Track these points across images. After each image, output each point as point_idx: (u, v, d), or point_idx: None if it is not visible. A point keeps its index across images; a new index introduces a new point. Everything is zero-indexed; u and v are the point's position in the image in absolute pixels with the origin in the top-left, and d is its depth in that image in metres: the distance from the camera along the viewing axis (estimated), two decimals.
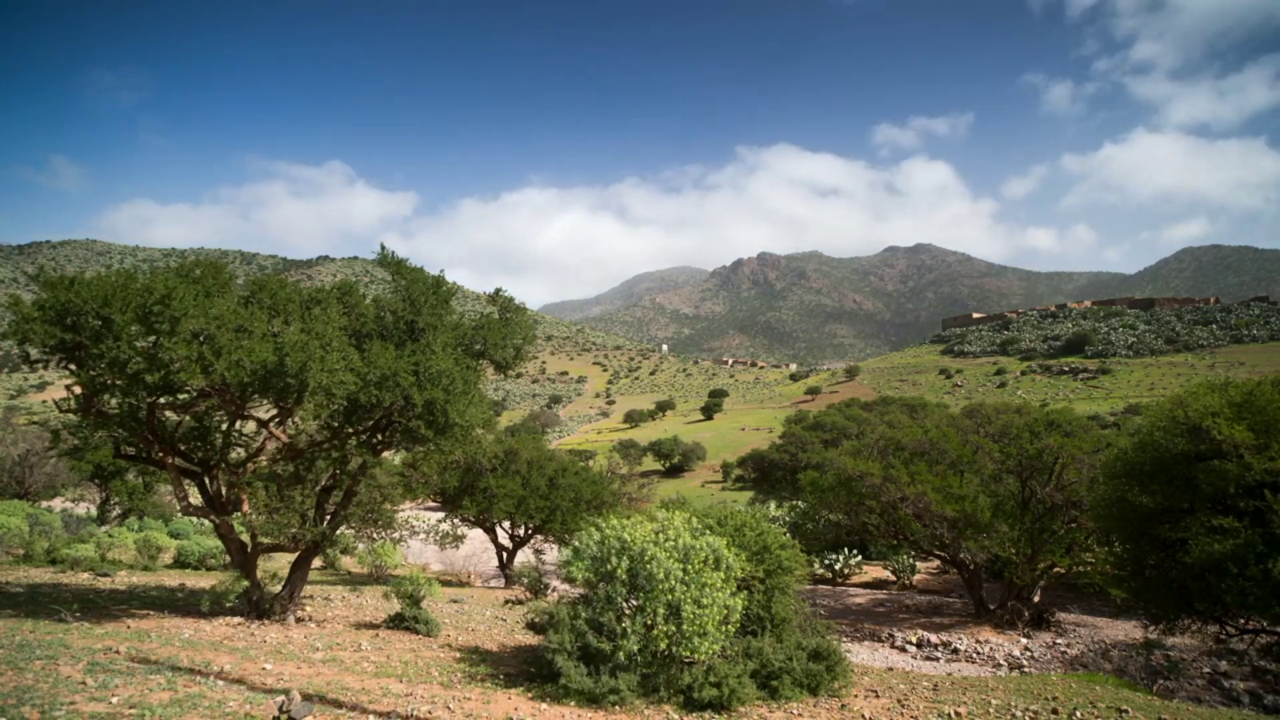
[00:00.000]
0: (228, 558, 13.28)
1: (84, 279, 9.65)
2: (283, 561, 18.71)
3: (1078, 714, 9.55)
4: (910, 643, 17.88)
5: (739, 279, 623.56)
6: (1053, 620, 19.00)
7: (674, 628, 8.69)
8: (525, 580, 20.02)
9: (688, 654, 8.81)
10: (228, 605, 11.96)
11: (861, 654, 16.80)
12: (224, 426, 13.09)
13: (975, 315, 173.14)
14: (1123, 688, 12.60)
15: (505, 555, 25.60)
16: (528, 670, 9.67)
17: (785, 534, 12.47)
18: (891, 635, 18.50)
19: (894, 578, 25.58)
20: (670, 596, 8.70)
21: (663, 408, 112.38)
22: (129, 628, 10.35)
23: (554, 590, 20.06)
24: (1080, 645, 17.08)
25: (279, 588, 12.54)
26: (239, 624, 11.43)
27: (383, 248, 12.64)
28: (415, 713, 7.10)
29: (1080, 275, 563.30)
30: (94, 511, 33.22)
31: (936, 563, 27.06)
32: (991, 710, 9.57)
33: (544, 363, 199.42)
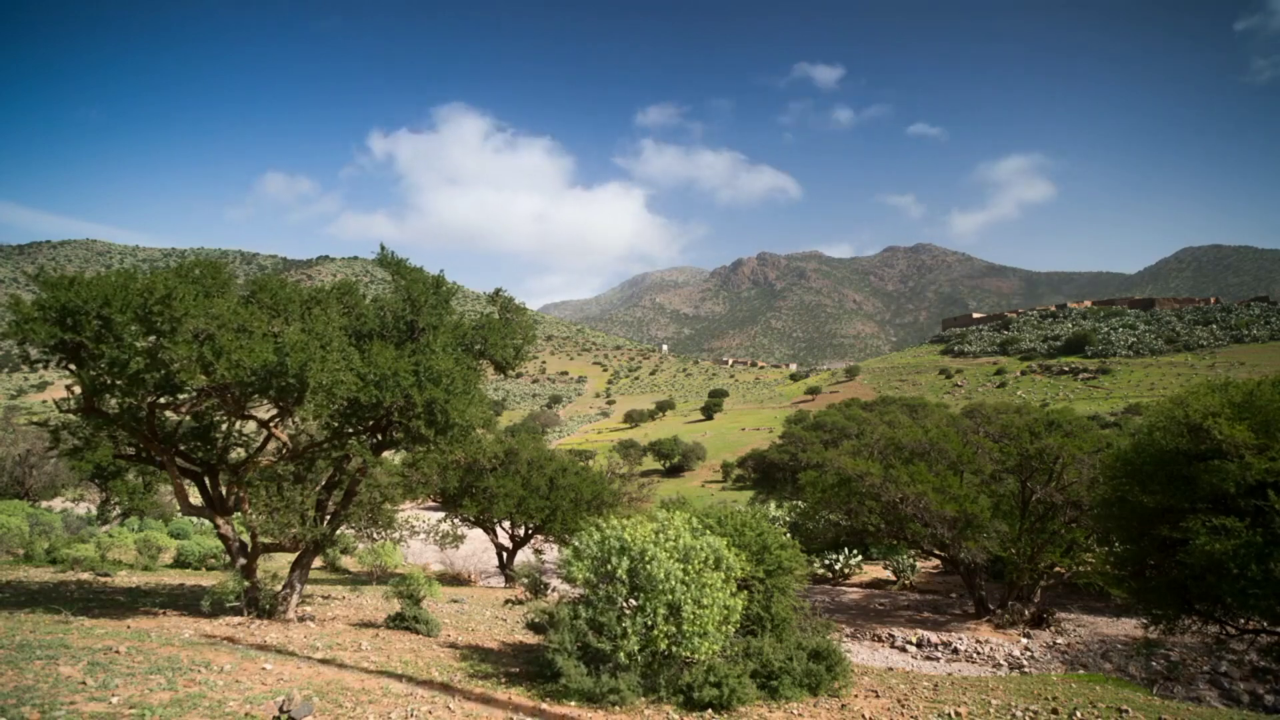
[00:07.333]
0: (228, 558, 13.27)
1: (84, 279, 9.65)
2: (283, 561, 18.72)
3: (1078, 714, 9.55)
4: (910, 643, 17.89)
5: (739, 279, 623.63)
6: (1053, 620, 19.00)
7: (674, 628, 8.69)
8: (525, 580, 20.03)
9: (688, 654, 8.81)
10: (228, 605, 11.96)
11: (861, 654, 16.81)
12: (224, 426, 13.10)
13: (975, 315, 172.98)
14: (1123, 688, 12.61)
15: (505, 555, 25.61)
16: (528, 670, 9.67)
17: (785, 534, 12.48)
18: (891, 635, 18.50)
19: (894, 577, 25.58)
20: (671, 597, 8.70)
21: (663, 408, 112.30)
22: (129, 627, 10.34)
23: (554, 590, 20.05)
24: (1080, 645, 17.08)
25: (279, 587, 12.54)
26: (239, 624, 11.43)
27: (382, 248, 12.65)
28: (415, 712, 7.10)
29: (1080, 275, 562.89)
30: (94, 511, 33.23)
31: (936, 563, 27.07)
32: (991, 710, 9.57)
33: (544, 363, 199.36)
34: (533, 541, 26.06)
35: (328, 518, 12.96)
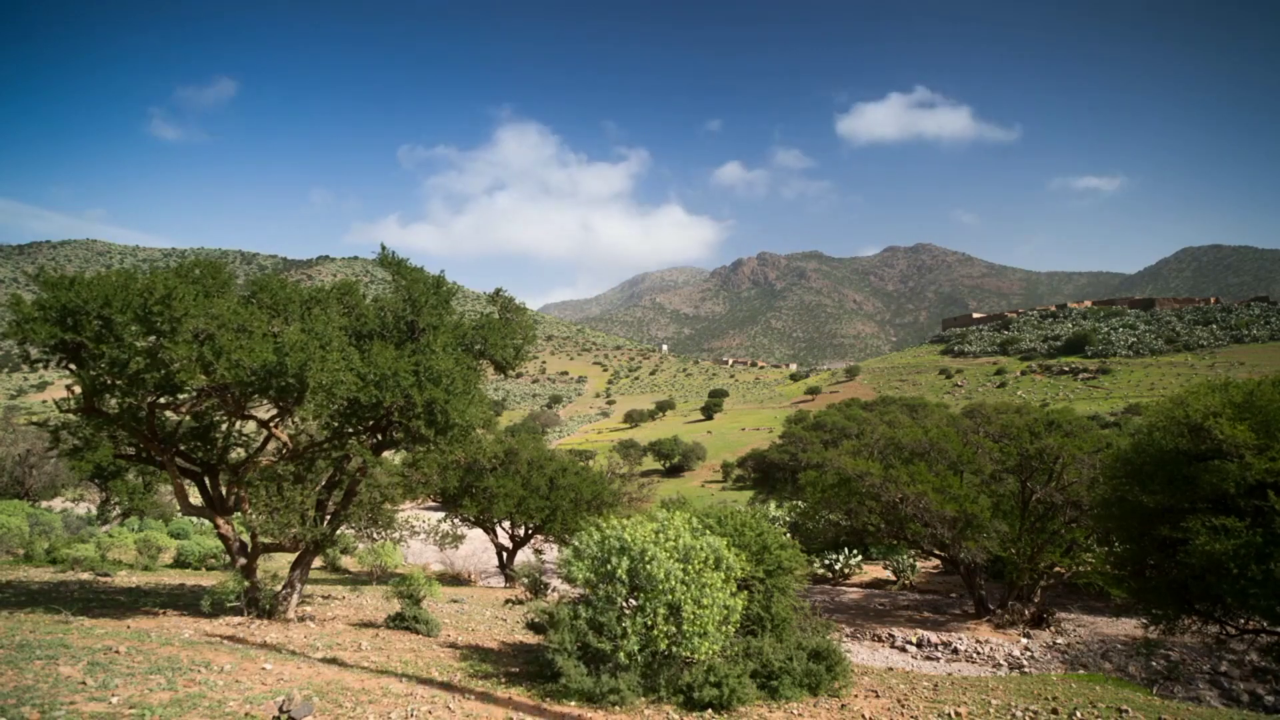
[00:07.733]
0: (228, 558, 13.28)
1: (84, 279, 9.65)
2: (283, 561, 18.73)
3: (1078, 714, 9.55)
4: (910, 643, 17.89)
5: (739, 279, 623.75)
6: (1053, 620, 19.00)
7: (674, 628, 8.69)
8: (525, 580, 20.03)
9: (688, 654, 8.81)
10: (228, 605, 11.96)
11: (861, 654, 16.81)
12: (224, 426, 13.10)
13: (975, 315, 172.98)
14: (1123, 688, 12.61)
15: (505, 555, 25.61)
16: (528, 670, 9.67)
17: (785, 534, 12.48)
18: (891, 635, 18.50)
19: (894, 577, 25.58)
20: (671, 597, 8.70)
21: (663, 408, 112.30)
22: (129, 627, 10.34)
23: (554, 590, 20.06)
24: (1080, 645, 17.08)
25: (279, 587, 12.54)
26: (239, 623, 11.43)
27: (383, 248, 12.66)
28: (415, 712, 7.10)
29: (1080, 275, 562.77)
30: (94, 511, 33.23)
31: (936, 563, 27.07)
32: (991, 710, 9.57)
33: (544, 363, 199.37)
34: (533, 541, 26.06)
35: (328, 518, 12.96)
